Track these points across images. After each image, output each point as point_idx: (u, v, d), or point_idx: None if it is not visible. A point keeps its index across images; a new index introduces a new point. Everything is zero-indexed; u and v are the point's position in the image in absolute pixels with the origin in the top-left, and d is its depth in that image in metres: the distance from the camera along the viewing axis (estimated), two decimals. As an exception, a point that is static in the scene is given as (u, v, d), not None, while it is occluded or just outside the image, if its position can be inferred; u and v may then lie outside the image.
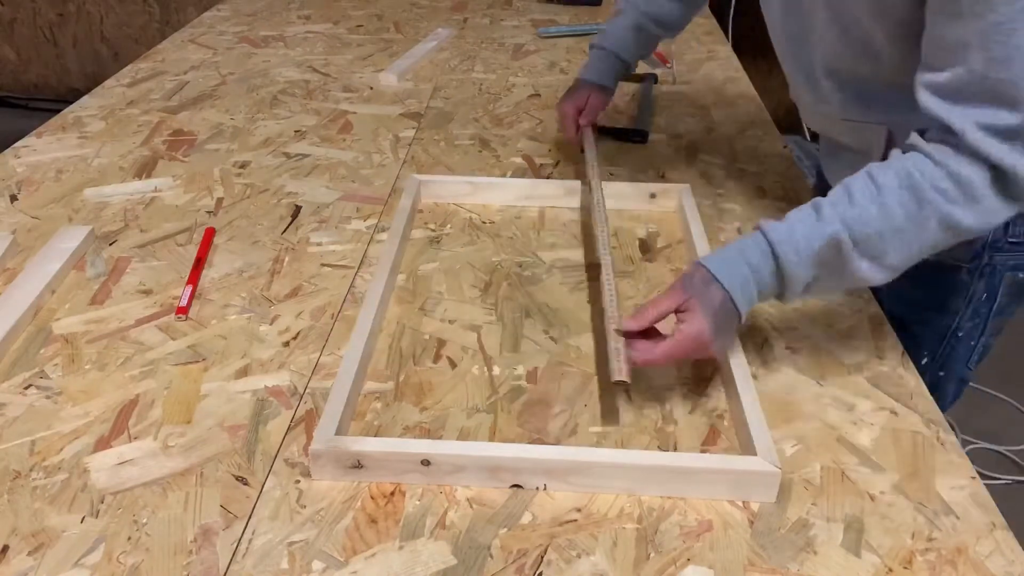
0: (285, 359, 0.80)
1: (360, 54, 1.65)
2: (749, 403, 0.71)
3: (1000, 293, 0.92)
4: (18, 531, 0.62)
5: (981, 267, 0.90)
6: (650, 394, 0.77)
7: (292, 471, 0.68)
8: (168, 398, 0.75)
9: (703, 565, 0.60)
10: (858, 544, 0.62)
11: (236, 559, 0.60)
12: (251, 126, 1.31)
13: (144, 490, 0.66)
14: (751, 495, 0.66)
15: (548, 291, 0.92)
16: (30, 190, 1.10)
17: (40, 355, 0.80)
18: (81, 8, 3.28)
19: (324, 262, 0.96)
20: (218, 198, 1.09)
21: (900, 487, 0.67)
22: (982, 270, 0.91)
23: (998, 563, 0.61)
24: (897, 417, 0.75)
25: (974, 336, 0.95)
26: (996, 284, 0.92)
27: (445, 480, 0.66)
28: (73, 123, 1.31)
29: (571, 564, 0.60)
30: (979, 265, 0.90)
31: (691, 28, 1.86)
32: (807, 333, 0.85)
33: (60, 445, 0.70)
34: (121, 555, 0.60)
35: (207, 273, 0.93)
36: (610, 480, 0.66)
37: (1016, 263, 0.91)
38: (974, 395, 1.98)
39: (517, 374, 0.79)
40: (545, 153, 1.23)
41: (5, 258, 0.93)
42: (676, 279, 0.74)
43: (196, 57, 1.62)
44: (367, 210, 1.07)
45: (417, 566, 0.60)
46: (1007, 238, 0.88)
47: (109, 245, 0.98)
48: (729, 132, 1.32)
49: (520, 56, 1.66)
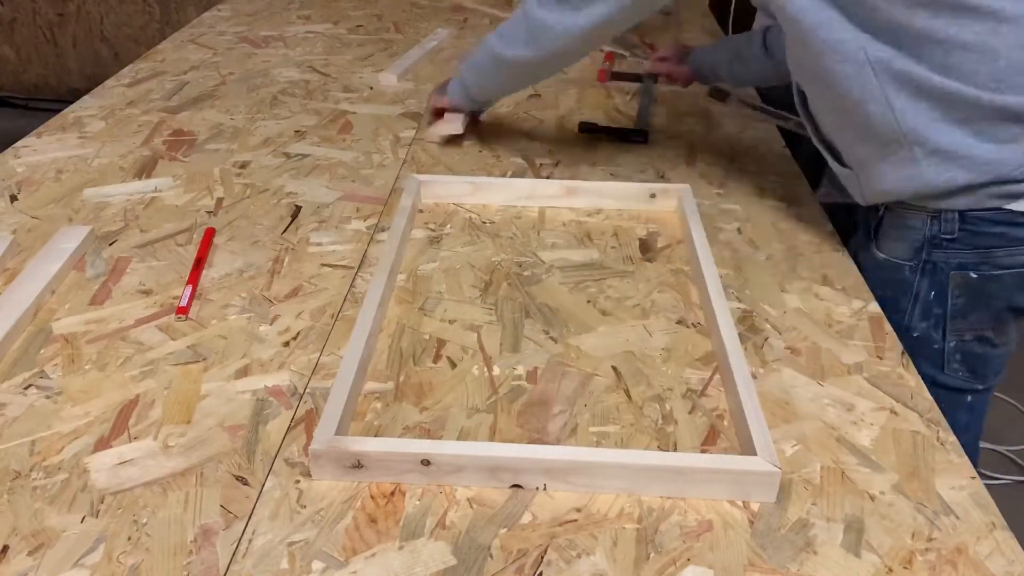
0: (285, 359, 0.80)
1: (360, 54, 1.65)
2: (749, 403, 0.71)
3: (951, 294, 0.91)
4: (18, 531, 0.62)
5: (921, 264, 0.92)
6: (650, 394, 0.77)
7: (292, 471, 0.68)
8: (168, 398, 0.75)
9: (703, 565, 0.60)
10: (858, 544, 0.62)
11: (236, 559, 0.60)
12: (251, 126, 1.31)
13: (144, 490, 0.66)
14: (751, 495, 0.66)
15: (548, 291, 0.92)
16: (30, 190, 1.10)
17: (40, 355, 0.80)
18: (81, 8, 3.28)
19: (324, 262, 0.96)
20: (218, 198, 1.09)
21: (900, 487, 0.67)
22: (923, 267, 0.92)
23: (998, 563, 0.61)
24: (897, 417, 0.75)
25: (935, 339, 0.94)
26: (944, 283, 0.91)
27: (445, 480, 0.66)
28: (73, 123, 1.31)
29: (571, 564, 0.60)
30: (919, 262, 0.92)
31: (691, 28, 1.87)
32: (807, 333, 0.85)
33: (60, 445, 0.70)
34: (121, 555, 0.60)
35: (207, 273, 0.93)
36: (610, 480, 0.66)
37: (961, 261, 0.90)
38: (974, 395, 1.98)
39: (517, 374, 0.79)
40: (545, 153, 1.24)
41: (5, 258, 0.93)
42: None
43: (196, 57, 1.62)
44: (367, 210, 1.07)
45: (417, 566, 0.60)
46: (942, 235, 0.89)
47: (109, 245, 0.98)
48: (729, 132, 1.32)
49: (520, 56, 1.65)
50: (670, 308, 0.89)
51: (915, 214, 0.90)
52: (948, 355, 0.95)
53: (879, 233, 0.96)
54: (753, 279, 0.94)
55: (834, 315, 0.88)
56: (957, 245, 0.89)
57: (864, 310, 0.89)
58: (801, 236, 1.03)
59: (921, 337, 0.94)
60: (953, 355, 0.95)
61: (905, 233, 0.92)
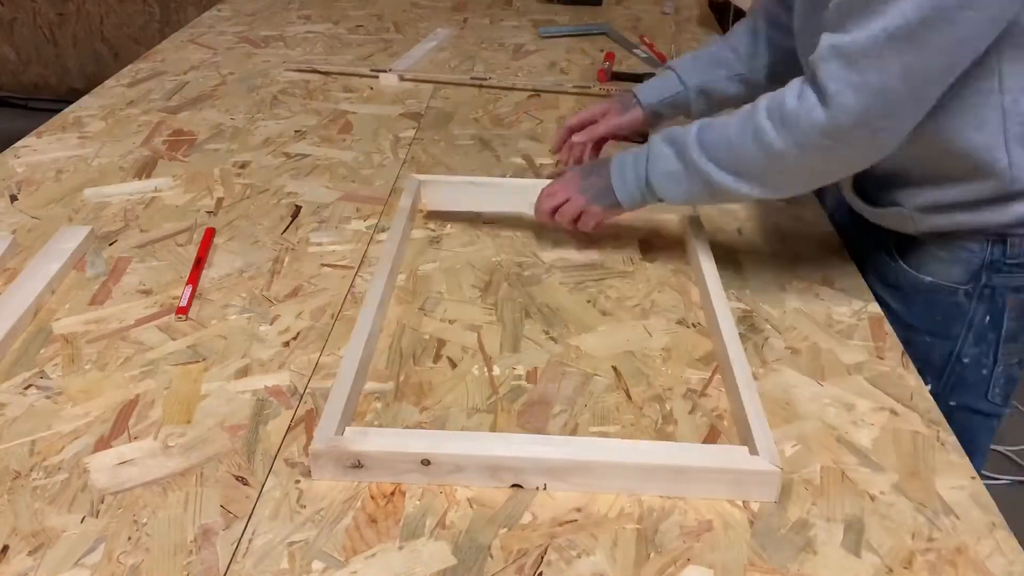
0: (285, 359, 0.80)
1: (360, 54, 1.65)
2: (749, 403, 0.71)
3: (1006, 317, 0.88)
4: (18, 531, 0.62)
5: (980, 289, 0.87)
6: (650, 394, 0.77)
7: (292, 471, 0.68)
8: (168, 398, 0.75)
9: (703, 565, 0.60)
10: (858, 544, 0.62)
11: (236, 559, 0.60)
12: (251, 126, 1.31)
13: (144, 490, 0.66)
14: (751, 495, 0.66)
15: (548, 291, 0.92)
16: (30, 190, 1.10)
17: (40, 355, 0.80)
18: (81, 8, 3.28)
19: (324, 262, 0.96)
20: (218, 198, 1.09)
21: (900, 487, 0.67)
22: (980, 292, 0.87)
23: (998, 563, 0.61)
24: (897, 417, 0.75)
25: (985, 364, 0.90)
26: (1000, 308, 0.88)
27: (445, 480, 0.66)
28: (73, 123, 1.31)
29: (571, 564, 0.60)
30: (977, 287, 0.87)
31: (691, 28, 1.87)
32: (807, 333, 0.85)
33: (60, 445, 0.70)
34: (121, 555, 0.60)
35: (207, 273, 0.93)
36: (610, 480, 0.66)
37: (1019, 285, 0.87)
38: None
39: (517, 374, 0.79)
40: (545, 153, 1.23)
41: (5, 258, 0.93)
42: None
43: (196, 57, 1.61)
44: (367, 210, 1.07)
45: (417, 566, 0.60)
46: (1005, 259, 0.85)
47: (109, 245, 0.98)
48: (729, 132, 1.31)
49: (520, 56, 1.66)
50: (670, 308, 0.89)
51: (974, 238, 0.86)
52: (994, 381, 0.91)
53: (920, 254, 0.91)
54: (753, 279, 0.94)
55: (834, 315, 0.88)
56: (1018, 269, 0.86)
57: (864, 310, 0.89)
58: (801, 236, 1.03)
59: (970, 363, 0.91)
60: (998, 380, 0.91)
61: (961, 256, 0.87)
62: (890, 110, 0.72)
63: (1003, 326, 0.88)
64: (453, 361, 0.81)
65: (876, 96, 0.71)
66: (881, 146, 0.75)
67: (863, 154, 0.77)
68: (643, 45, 1.72)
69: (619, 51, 1.70)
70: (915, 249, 0.91)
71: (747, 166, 0.80)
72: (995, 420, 0.95)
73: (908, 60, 0.69)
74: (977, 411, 0.93)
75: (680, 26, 1.88)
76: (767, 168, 0.79)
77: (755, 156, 0.79)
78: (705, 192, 0.84)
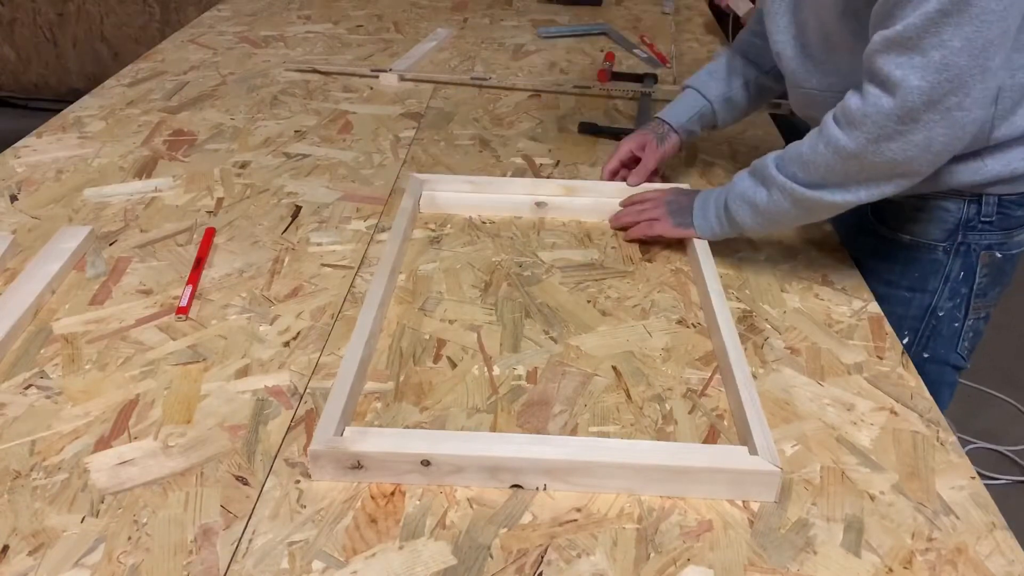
0: (285, 359, 0.80)
1: (360, 54, 1.65)
2: (749, 403, 0.71)
3: (978, 273, 0.94)
4: (18, 531, 0.62)
5: (956, 245, 0.93)
6: (650, 394, 0.77)
7: (292, 471, 0.68)
8: (168, 398, 0.75)
9: (703, 565, 0.60)
10: (858, 544, 0.62)
11: (236, 559, 0.60)
12: (251, 126, 1.31)
13: (144, 490, 0.66)
14: (751, 495, 0.66)
15: (548, 291, 0.92)
16: (30, 190, 1.10)
17: (40, 355, 0.80)
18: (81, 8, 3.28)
19: (324, 262, 0.96)
20: (218, 198, 1.09)
21: (900, 487, 0.67)
22: (956, 248, 0.93)
23: (998, 563, 0.61)
24: (897, 417, 0.75)
25: (957, 318, 0.97)
26: (973, 263, 0.94)
27: (445, 480, 0.66)
28: (73, 123, 1.31)
29: (571, 564, 0.60)
30: (954, 244, 0.93)
31: (691, 28, 1.87)
32: (807, 333, 0.85)
33: (60, 445, 0.70)
34: (121, 555, 0.60)
35: (207, 273, 0.93)
36: (610, 480, 0.66)
37: (990, 242, 0.93)
38: (974, 395, 1.98)
39: (517, 374, 0.79)
40: (545, 153, 1.24)
41: (5, 258, 0.93)
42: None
43: (196, 57, 1.62)
44: (367, 210, 1.07)
45: (417, 566, 0.60)
46: (980, 217, 0.91)
47: (109, 245, 0.98)
48: (729, 132, 1.32)
49: (520, 56, 1.66)
50: (670, 308, 0.89)
51: (951, 197, 0.91)
52: (963, 333, 0.97)
53: (899, 215, 0.96)
54: (753, 279, 0.94)
55: (834, 315, 0.88)
56: (990, 227, 0.91)
57: (864, 310, 0.89)
58: (801, 236, 1.03)
59: (944, 316, 0.97)
60: (967, 334, 0.98)
61: (938, 215, 0.93)
62: (956, 84, 0.73)
63: (975, 281, 0.95)
64: (453, 361, 0.81)
65: (940, 72, 0.72)
66: (957, 125, 0.75)
67: (942, 137, 0.76)
68: (643, 45, 1.73)
69: (619, 51, 1.70)
70: (894, 210, 0.96)
71: (826, 174, 0.82)
72: (958, 373, 1.02)
73: (966, 32, 0.70)
74: (946, 363, 0.99)
75: (680, 26, 1.89)
76: (846, 171, 0.81)
77: (831, 162, 0.81)
78: (793, 209, 0.86)
